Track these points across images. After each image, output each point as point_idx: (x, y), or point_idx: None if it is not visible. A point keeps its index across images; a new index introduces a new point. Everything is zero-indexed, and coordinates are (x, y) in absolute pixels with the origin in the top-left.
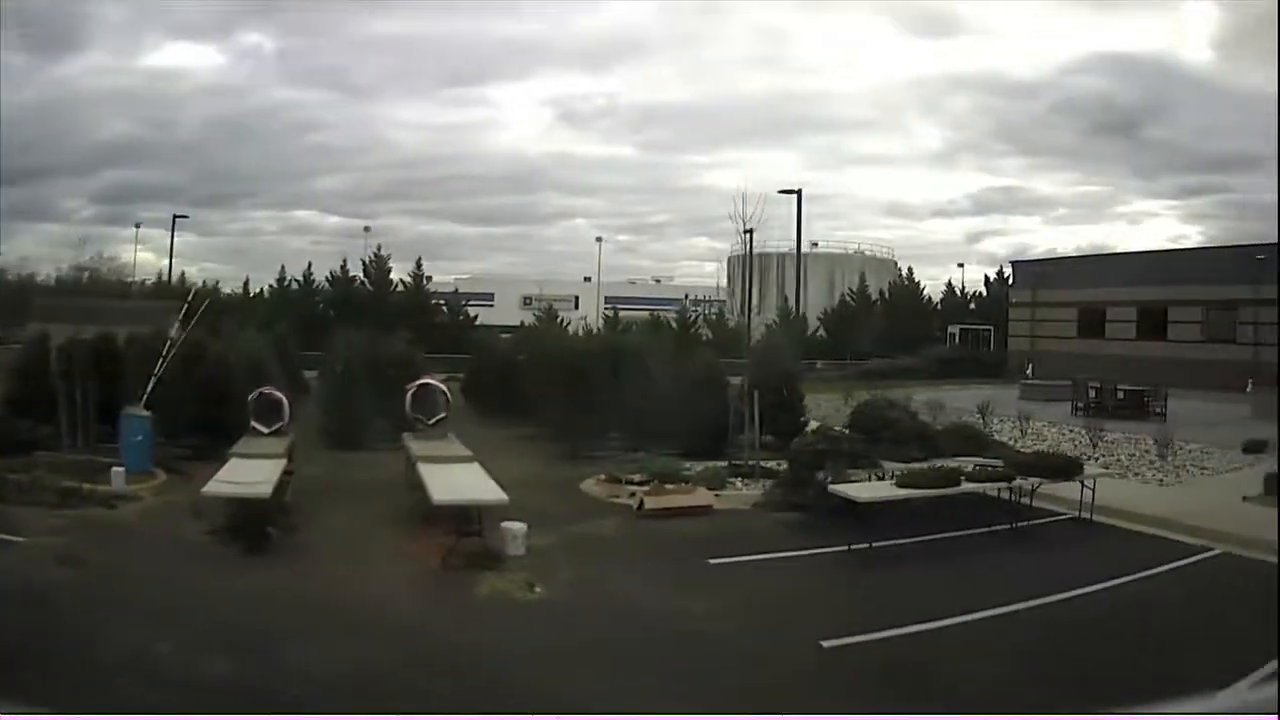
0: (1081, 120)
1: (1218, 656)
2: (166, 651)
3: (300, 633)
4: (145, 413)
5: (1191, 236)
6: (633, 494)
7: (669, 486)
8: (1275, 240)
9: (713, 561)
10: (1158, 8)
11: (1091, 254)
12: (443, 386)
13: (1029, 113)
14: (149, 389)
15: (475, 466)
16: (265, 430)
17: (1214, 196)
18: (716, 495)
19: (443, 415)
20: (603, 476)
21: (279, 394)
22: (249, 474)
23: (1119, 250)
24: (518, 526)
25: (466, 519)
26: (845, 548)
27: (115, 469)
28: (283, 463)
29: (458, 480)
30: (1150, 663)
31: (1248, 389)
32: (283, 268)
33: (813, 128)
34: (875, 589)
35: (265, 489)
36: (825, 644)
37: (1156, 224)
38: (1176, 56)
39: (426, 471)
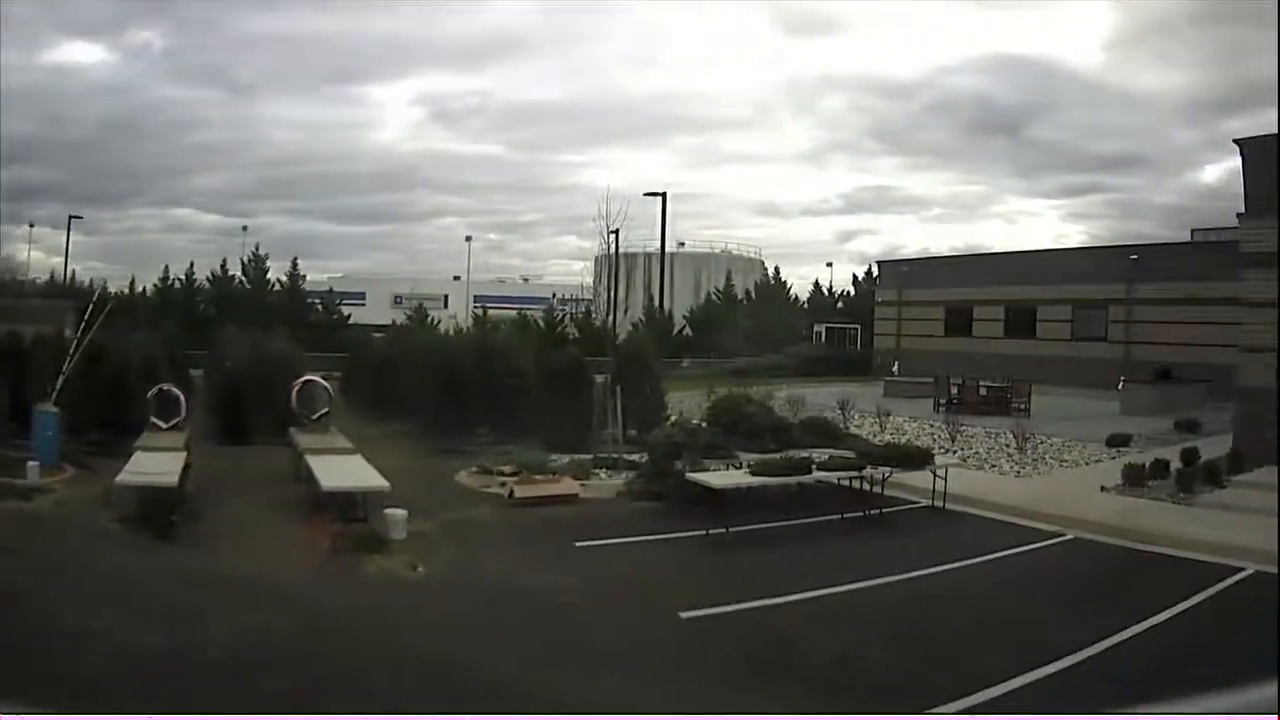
0: (959, 120)
1: (1057, 630)
2: (102, 623)
3: (214, 606)
4: (54, 409)
5: (1073, 236)
6: (503, 484)
7: (537, 477)
8: (1157, 240)
9: (579, 544)
10: (1041, 8)
11: (957, 254)
12: (325, 383)
13: (905, 112)
14: (58, 386)
15: (358, 458)
16: (164, 425)
17: (1098, 196)
18: (582, 485)
19: (325, 410)
20: (475, 468)
21: (176, 390)
22: (155, 465)
23: (994, 250)
24: (399, 513)
25: (352, 506)
26: (703, 532)
27: (30, 463)
28: (184, 455)
29: (343, 470)
30: (989, 633)
31: (1119, 386)
32: (166, 267)
33: (686, 127)
34: (730, 568)
35: (172, 478)
36: (683, 614)
37: (1036, 223)
38: (1061, 57)
39: (314, 462)
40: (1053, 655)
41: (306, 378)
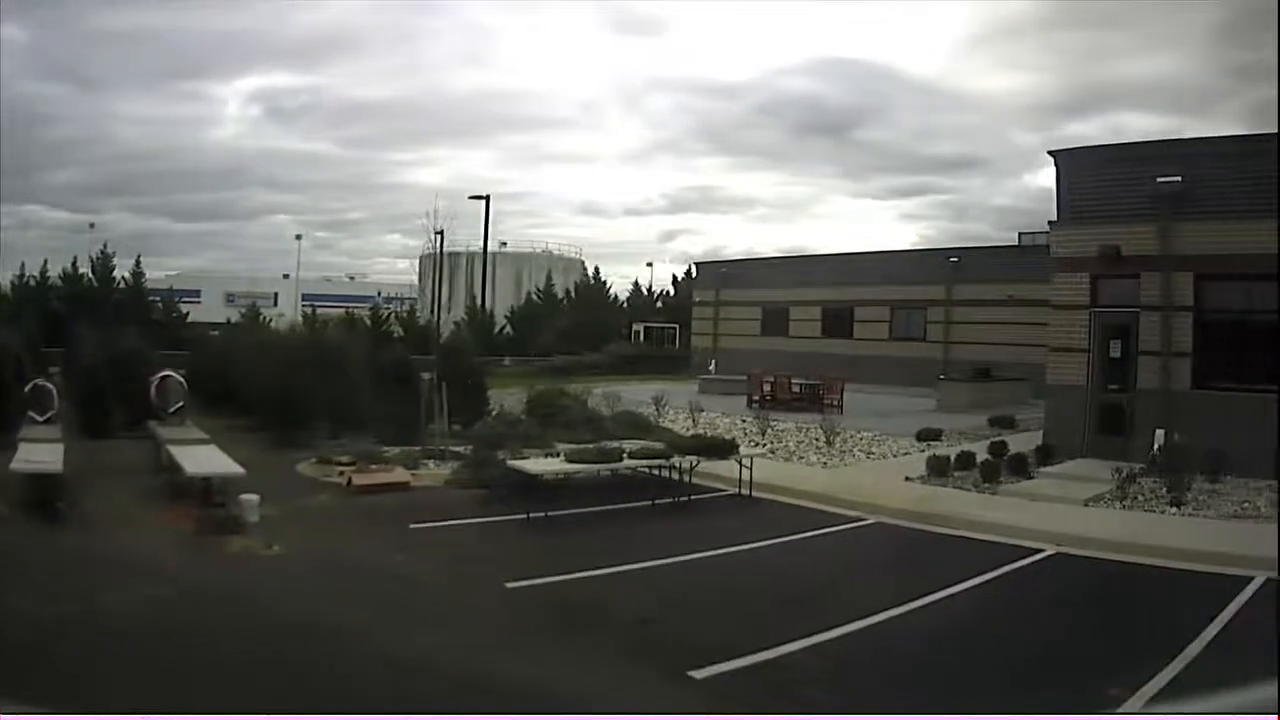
0: (787, 121)
1: (843, 599)
2: (14, 598)
3: (105, 579)
4: None
5: (905, 237)
6: (342, 473)
7: (373, 467)
8: (991, 241)
9: (413, 526)
10: (879, 11)
11: (773, 256)
12: (180, 378)
13: (732, 113)
14: None
15: (213, 447)
16: (40, 419)
17: (930, 197)
18: (413, 474)
19: (181, 404)
20: (315, 459)
21: (49, 385)
22: (41, 454)
23: (812, 252)
24: (253, 498)
25: (211, 492)
26: (524, 516)
27: None
28: (62, 445)
29: (202, 458)
30: (779, 601)
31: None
32: (23, 265)
33: (513, 126)
34: (550, 546)
35: (58, 465)
36: (509, 585)
37: (865, 224)
38: (896, 59)
39: (177, 451)
40: (835, 621)
41: (164, 373)
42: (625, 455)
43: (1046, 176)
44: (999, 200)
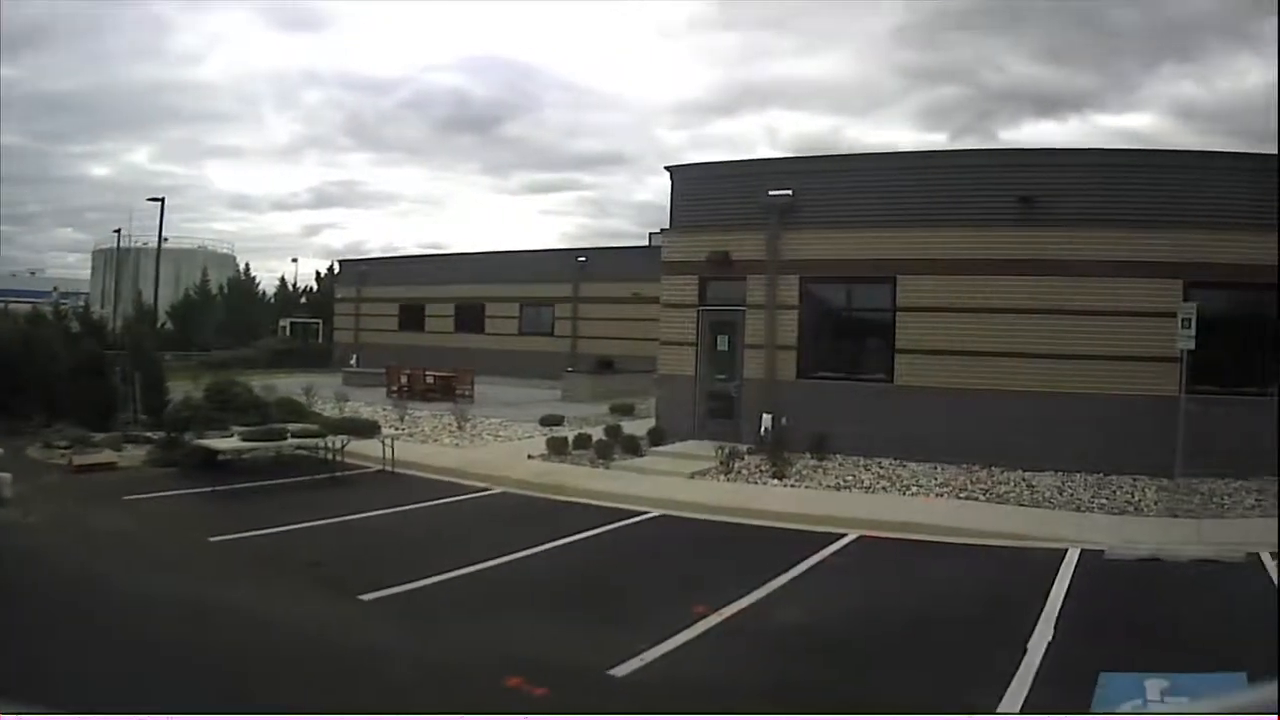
0: (432, 116)
1: (467, 547)
2: None
3: None
4: None
5: (546, 232)
6: (63, 456)
7: (89, 450)
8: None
9: (126, 498)
10: (526, 10)
11: (410, 255)
12: None
13: (378, 108)
14: None
15: None
16: None
17: (572, 193)
18: (118, 455)
19: None
20: (40, 444)
21: None
22: None
23: (449, 251)
24: (6, 476)
25: None
26: (210, 489)
27: None
28: None
29: None
30: (416, 547)
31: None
32: None
33: (176, 119)
34: (236, 510)
35: None
36: (212, 539)
37: (506, 220)
38: (544, 58)
39: None
40: (468, 561)
41: None
42: (289, 435)
43: None
44: (641, 197)
